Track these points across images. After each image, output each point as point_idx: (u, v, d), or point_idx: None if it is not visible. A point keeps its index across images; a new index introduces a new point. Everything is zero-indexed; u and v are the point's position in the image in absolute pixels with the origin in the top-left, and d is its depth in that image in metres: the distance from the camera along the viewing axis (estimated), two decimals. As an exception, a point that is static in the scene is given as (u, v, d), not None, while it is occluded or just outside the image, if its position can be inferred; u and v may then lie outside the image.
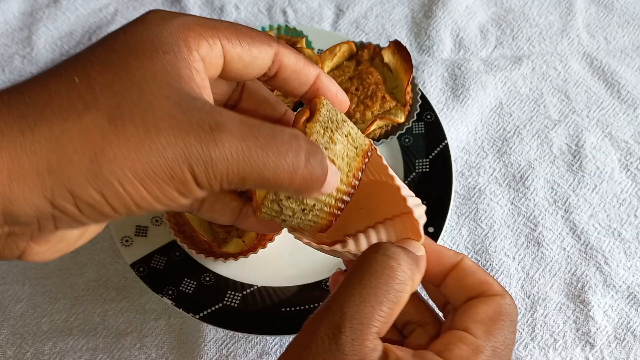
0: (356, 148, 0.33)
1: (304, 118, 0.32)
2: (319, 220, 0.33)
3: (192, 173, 0.24)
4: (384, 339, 0.30)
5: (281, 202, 0.32)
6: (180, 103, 0.25)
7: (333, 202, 0.32)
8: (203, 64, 0.28)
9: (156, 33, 0.27)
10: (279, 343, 0.53)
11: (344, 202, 0.32)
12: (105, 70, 0.25)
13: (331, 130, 0.32)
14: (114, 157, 0.23)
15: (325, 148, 0.31)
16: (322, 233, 0.35)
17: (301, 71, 0.33)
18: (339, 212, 0.33)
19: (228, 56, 0.30)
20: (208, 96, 0.29)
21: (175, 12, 0.29)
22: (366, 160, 0.33)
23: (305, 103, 0.35)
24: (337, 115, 0.33)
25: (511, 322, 0.33)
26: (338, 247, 0.35)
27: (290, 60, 0.32)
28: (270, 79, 0.33)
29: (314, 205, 0.32)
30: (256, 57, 0.31)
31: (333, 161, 0.31)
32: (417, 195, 0.57)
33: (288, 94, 0.36)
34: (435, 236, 0.54)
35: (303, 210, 0.32)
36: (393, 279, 0.30)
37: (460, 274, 0.34)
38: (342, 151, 0.32)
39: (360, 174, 0.33)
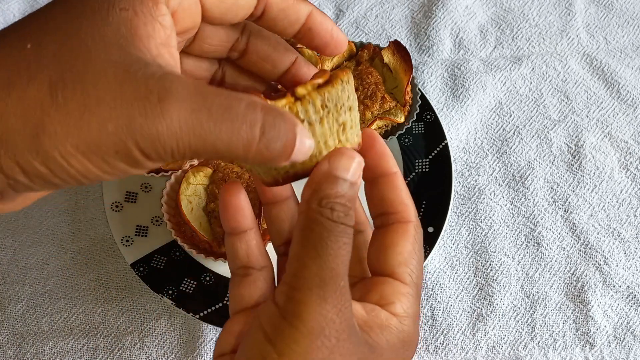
0: (340, 141, 0.30)
1: (317, 80, 0.29)
2: (264, 177, 0.31)
3: (138, 148, 0.23)
4: None
5: None
6: (128, 70, 0.23)
7: (282, 172, 0.30)
8: (172, 18, 0.26)
9: None
10: (279, 343, 0.53)
11: (293, 177, 0.30)
12: (57, 35, 0.24)
13: (328, 111, 0.29)
14: (54, 133, 0.22)
15: (310, 123, 0.29)
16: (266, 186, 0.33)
17: (290, 9, 0.30)
18: (282, 182, 0.30)
19: (207, 1, 0.27)
20: (172, 55, 0.26)
21: None
22: None
23: (303, 44, 0.33)
24: (348, 99, 0.30)
25: (420, 246, 0.35)
26: None
27: None
28: (257, 19, 0.31)
29: None
30: None
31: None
32: (417, 195, 0.57)
33: (278, 35, 0.33)
34: (435, 236, 0.54)
35: None
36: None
37: (391, 185, 0.34)
38: (323, 135, 0.29)
39: None
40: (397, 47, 0.60)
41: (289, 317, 0.27)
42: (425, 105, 0.61)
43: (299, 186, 0.31)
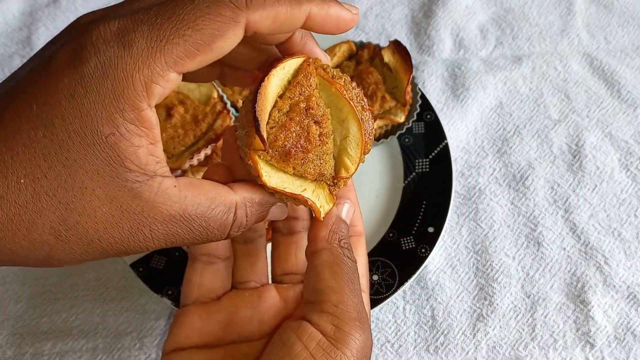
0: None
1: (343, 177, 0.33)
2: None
3: (126, 255, 0.29)
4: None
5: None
6: (122, 206, 0.26)
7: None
8: (156, 114, 0.27)
9: (98, 102, 0.25)
10: (278, 343, 0.53)
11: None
12: (49, 166, 0.25)
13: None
14: (61, 260, 0.27)
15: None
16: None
17: (283, 25, 0.29)
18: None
19: (192, 69, 0.27)
20: (160, 148, 0.28)
21: (117, 45, 0.26)
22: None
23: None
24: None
25: None
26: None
27: (266, 22, 0.28)
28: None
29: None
30: (222, 48, 0.27)
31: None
32: (416, 195, 0.57)
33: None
34: (435, 236, 0.54)
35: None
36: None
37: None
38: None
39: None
40: (397, 46, 0.60)
41: (340, 345, 0.31)
42: (426, 105, 0.60)
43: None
